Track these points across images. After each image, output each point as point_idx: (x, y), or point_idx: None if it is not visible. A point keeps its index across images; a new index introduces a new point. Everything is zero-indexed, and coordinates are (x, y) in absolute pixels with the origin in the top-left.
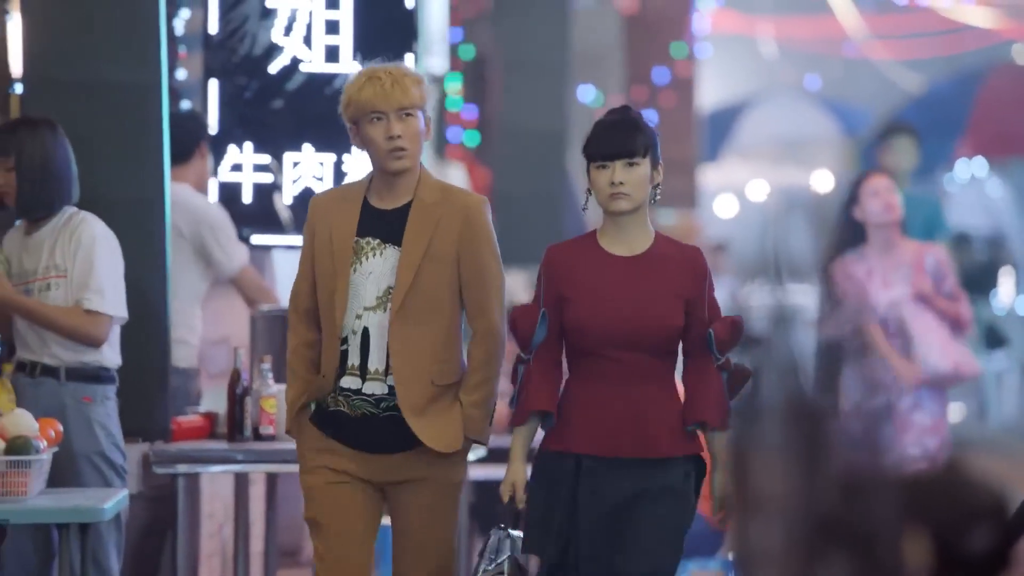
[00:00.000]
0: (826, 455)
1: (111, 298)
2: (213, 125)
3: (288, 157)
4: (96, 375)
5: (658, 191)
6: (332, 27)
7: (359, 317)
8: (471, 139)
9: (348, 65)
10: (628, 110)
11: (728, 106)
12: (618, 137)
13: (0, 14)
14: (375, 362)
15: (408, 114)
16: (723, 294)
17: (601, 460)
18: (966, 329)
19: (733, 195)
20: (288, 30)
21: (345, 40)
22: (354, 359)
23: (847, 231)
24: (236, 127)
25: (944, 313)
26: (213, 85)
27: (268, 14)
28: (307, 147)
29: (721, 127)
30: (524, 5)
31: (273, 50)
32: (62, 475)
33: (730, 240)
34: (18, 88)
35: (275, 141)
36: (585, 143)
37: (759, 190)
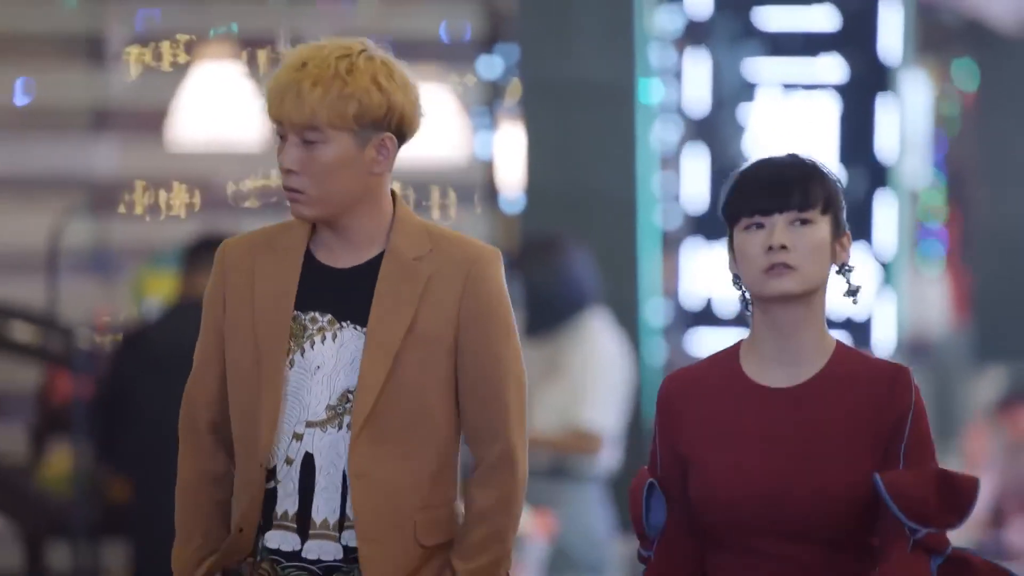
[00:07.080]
0: None
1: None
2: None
3: None
4: None
5: (850, 279)
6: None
7: (298, 437)
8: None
9: None
10: (798, 154)
11: None
12: (781, 182)
13: (492, 131)
14: (324, 509)
15: (310, 140)
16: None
17: None
18: None
19: None
20: None
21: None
22: (288, 504)
23: None
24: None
25: None
26: None
27: None
28: None
29: None
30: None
31: None
32: None
33: None
34: (506, 202)
35: None
36: (726, 198)
37: None
